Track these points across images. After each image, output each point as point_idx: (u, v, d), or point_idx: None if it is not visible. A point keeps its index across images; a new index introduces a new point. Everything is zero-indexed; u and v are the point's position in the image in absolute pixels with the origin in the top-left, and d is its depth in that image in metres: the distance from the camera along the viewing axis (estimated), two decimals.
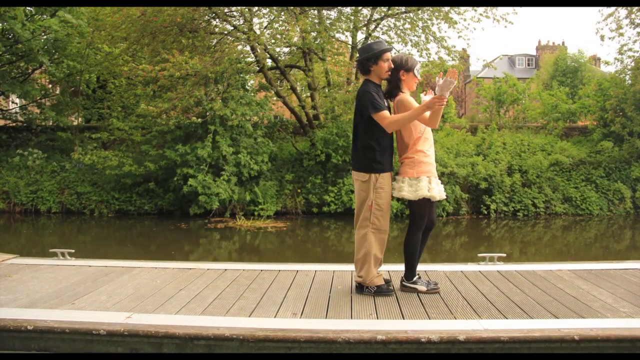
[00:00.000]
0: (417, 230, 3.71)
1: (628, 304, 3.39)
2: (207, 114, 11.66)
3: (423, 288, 3.70)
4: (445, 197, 3.77)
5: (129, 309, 3.32)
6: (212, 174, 11.35)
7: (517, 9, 13.41)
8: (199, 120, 11.97)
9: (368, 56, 3.65)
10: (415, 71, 3.67)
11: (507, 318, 3.14)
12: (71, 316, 3.16)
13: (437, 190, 3.62)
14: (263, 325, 3.00)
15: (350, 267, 4.61)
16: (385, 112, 3.55)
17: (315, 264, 4.77)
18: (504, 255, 4.71)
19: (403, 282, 3.78)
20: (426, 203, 3.64)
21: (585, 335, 2.81)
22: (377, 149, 3.59)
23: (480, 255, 4.71)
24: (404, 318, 3.16)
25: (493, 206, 12.22)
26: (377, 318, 3.17)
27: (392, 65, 3.69)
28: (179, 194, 11.67)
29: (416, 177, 3.61)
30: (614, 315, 3.17)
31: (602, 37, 14.46)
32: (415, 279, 3.75)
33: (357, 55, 3.85)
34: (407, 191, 3.60)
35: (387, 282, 3.76)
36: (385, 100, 3.72)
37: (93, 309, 3.34)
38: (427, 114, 3.51)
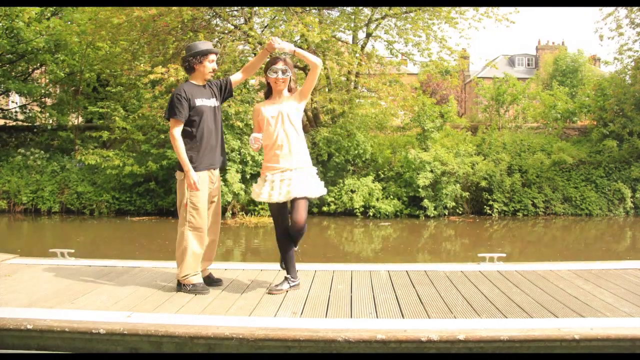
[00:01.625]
0: (276, 229, 3.78)
1: (628, 304, 3.40)
2: None
3: (287, 286, 3.72)
4: (274, 200, 3.57)
5: (128, 308, 3.32)
6: None
7: (518, 8, 13.39)
8: None
9: (194, 53, 3.66)
10: (270, 73, 3.66)
11: (507, 317, 3.14)
12: (71, 315, 3.16)
13: (265, 195, 3.60)
14: (263, 324, 3.00)
15: (350, 266, 4.62)
16: (177, 123, 3.58)
17: (315, 264, 4.76)
18: (504, 255, 4.71)
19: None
20: (271, 205, 3.70)
21: (585, 335, 2.81)
22: (187, 149, 3.64)
23: (480, 255, 4.72)
24: (403, 317, 3.16)
25: (495, 205, 12.21)
26: (377, 317, 3.17)
27: (216, 67, 3.75)
28: None
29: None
30: (614, 314, 3.18)
31: (601, 37, 14.43)
32: (289, 277, 3.75)
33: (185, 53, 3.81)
34: None
35: (216, 281, 3.90)
36: (214, 99, 3.73)
37: (93, 308, 3.34)
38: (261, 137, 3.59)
